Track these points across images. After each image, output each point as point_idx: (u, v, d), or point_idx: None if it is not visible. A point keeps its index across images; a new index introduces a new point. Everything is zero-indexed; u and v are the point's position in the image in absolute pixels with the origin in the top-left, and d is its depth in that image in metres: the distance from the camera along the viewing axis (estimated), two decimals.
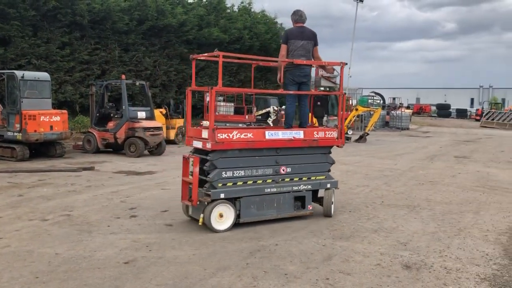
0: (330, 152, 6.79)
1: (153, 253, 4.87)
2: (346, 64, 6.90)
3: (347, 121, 20.07)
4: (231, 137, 5.70)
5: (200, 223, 5.68)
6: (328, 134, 6.68)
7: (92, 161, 11.67)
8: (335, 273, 4.47)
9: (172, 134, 16.60)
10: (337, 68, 7.01)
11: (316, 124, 9.46)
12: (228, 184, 5.76)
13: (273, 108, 20.53)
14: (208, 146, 5.58)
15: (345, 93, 7.76)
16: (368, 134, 20.45)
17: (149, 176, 9.76)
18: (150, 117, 13.67)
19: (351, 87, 35.08)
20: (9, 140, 11.72)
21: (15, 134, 11.53)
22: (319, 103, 16.26)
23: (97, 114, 13.76)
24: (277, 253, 5.00)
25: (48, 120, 11.68)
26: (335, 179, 6.97)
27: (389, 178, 10.17)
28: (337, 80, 7.11)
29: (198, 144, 5.86)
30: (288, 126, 6.68)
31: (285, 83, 6.63)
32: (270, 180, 6.11)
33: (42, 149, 12.25)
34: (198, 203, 5.72)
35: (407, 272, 4.53)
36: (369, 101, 29.18)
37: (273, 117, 20.38)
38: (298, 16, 6.61)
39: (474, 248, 5.34)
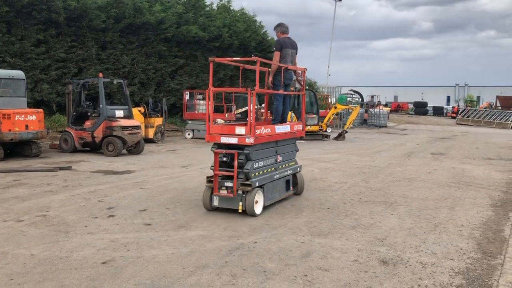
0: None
1: (131, 252, 4.84)
2: (306, 69, 8.10)
3: (326, 119, 20.24)
4: (261, 132, 6.53)
5: (239, 211, 6.38)
6: (298, 127, 7.88)
7: (69, 160, 11.50)
8: (314, 269, 4.52)
9: (150, 133, 16.48)
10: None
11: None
12: (257, 173, 6.55)
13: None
14: (249, 140, 6.26)
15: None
16: (346, 131, 20.66)
17: (127, 175, 9.67)
18: (128, 115, 13.54)
19: (330, 85, 35.38)
20: None
21: None
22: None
23: (74, 113, 13.56)
24: (256, 250, 5.02)
25: (23, 119, 11.46)
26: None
27: (367, 175, 10.30)
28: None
29: (231, 140, 6.41)
30: (277, 121, 7.61)
31: (275, 84, 7.45)
32: (273, 168, 7.09)
33: (18, 148, 12.01)
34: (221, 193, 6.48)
35: (384, 268, 4.61)
36: (348, 99, 29.47)
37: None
38: (284, 28, 7.65)
39: (449, 243, 5.46)
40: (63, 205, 6.90)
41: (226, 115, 19.19)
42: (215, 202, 6.63)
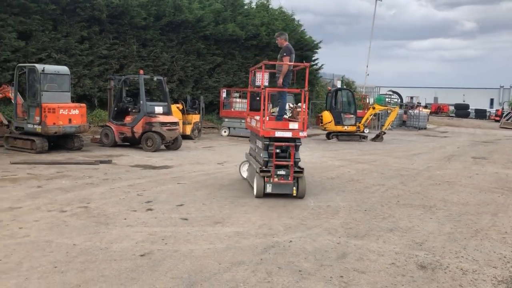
0: None
1: (168, 246, 4.93)
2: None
3: (363, 120, 19.95)
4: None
5: (294, 194, 7.41)
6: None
7: (110, 154, 11.81)
8: (350, 271, 4.47)
9: (188, 129, 16.70)
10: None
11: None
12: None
13: (289, 105, 20.47)
14: (303, 134, 7.45)
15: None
16: (384, 133, 20.29)
17: (165, 170, 9.85)
18: (167, 112, 13.77)
19: (368, 85, 34.83)
20: (29, 132, 11.93)
21: (35, 126, 11.72)
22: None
23: (115, 108, 13.91)
24: (291, 249, 5.01)
25: (67, 113, 11.84)
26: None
27: (405, 178, 10.09)
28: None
29: (286, 134, 7.39)
30: (282, 117, 8.48)
31: (284, 85, 8.42)
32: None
33: (61, 141, 12.44)
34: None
35: (422, 272, 4.50)
36: (386, 99, 28.94)
37: (288, 114, 20.32)
38: (286, 36, 8.75)
39: (491, 250, 5.28)
40: (104, 197, 7.10)
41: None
42: (268, 189, 7.43)
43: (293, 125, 7.56)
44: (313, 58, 28.74)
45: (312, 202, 7.33)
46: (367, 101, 26.70)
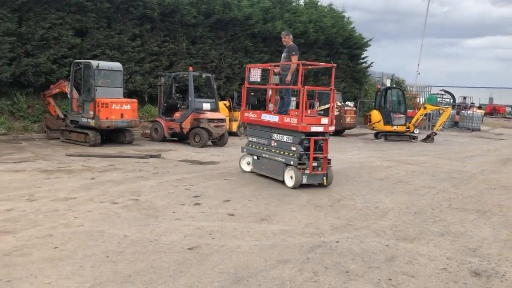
0: None
1: (215, 241, 4.99)
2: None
3: (414, 120, 19.39)
4: None
5: (325, 184, 8.14)
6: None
7: (159, 149, 12.10)
8: (398, 274, 4.36)
9: (234, 126, 16.85)
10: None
11: None
12: None
13: (337, 103, 20.21)
14: (331, 128, 8.20)
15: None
16: (436, 134, 19.64)
17: (212, 166, 9.98)
18: (215, 108, 13.94)
19: (419, 85, 33.80)
20: (83, 126, 12.42)
21: (89, 120, 12.19)
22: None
23: (165, 104, 14.23)
24: (338, 250, 4.95)
25: (119, 108, 12.23)
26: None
27: (458, 181, 9.71)
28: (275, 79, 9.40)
29: (319, 128, 8.03)
30: (286, 112, 8.91)
31: (291, 83, 8.86)
32: None
33: (113, 135, 12.87)
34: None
35: (476, 279, 4.32)
36: (438, 99, 28.00)
37: (335, 112, 20.08)
38: (291, 36, 9.26)
39: None
40: (153, 190, 7.28)
41: (309, 111, 19.08)
42: (304, 180, 7.95)
43: (324, 120, 8.21)
44: (362, 56, 28.25)
45: (359, 203, 7.20)
46: (418, 101, 25.89)
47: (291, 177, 8.07)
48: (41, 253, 4.38)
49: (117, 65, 13.05)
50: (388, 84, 26.61)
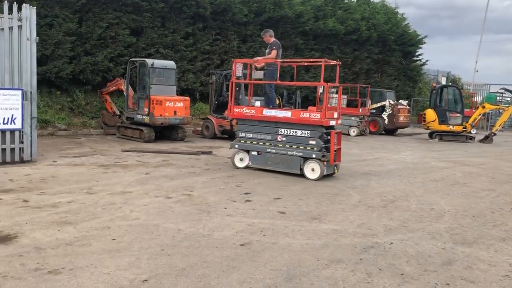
0: None
1: (267, 238, 5.00)
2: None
3: (471, 119, 18.62)
4: None
5: (336, 173, 8.82)
6: None
7: (210, 146, 12.29)
8: (457, 279, 4.19)
9: None
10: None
11: None
12: None
13: (389, 101, 19.74)
14: (340, 122, 8.97)
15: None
16: (495, 134, 18.75)
17: None
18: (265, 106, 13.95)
19: (477, 83, 32.38)
20: (138, 122, 12.83)
21: (144, 117, 12.57)
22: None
23: (216, 102, 14.43)
24: (392, 251, 4.83)
25: (172, 105, 12.53)
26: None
27: None
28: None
29: (333, 122, 8.64)
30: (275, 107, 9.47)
31: (272, 77, 9.32)
32: None
33: (166, 132, 13.21)
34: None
35: None
36: (498, 98, 26.69)
37: (388, 111, 19.61)
38: (271, 33, 9.55)
39: None
40: (205, 186, 7.41)
41: (360, 109, 18.75)
42: (325, 171, 8.45)
43: (335, 115, 8.73)
44: (417, 54, 27.42)
45: (414, 204, 6.99)
46: (475, 100, 24.82)
47: (313, 170, 8.46)
48: (100, 244, 4.56)
49: (171, 64, 13.37)
50: (444, 82, 25.67)
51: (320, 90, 20.61)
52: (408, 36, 26.07)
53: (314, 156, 8.40)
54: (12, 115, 8.36)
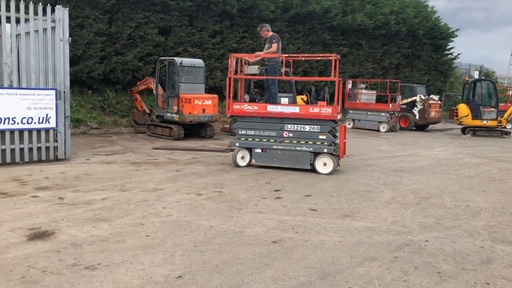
0: None
1: (299, 235, 4.96)
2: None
3: (506, 114, 18.08)
4: None
5: (340, 166, 8.86)
6: None
7: None
8: (497, 278, 4.06)
9: None
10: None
11: None
12: None
13: (420, 96, 19.34)
14: (339, 116, 8.86)
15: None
16: None
17: None
18: (293, 103, 13.89)
19: None
20: (168, 120, 12.97)
21: (173, 115, 12.70)
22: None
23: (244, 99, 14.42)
24: (428, 249, 4.71)
25: (201, 103, 12.61)
26: None
27: None
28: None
29: (339, 116, 8.70)
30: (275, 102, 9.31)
31: (275, 72, 9.31)
32: None
33: (195, 130, 13.32)
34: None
35: None
36: None
37: (419, 106, 19.22)
38: (268, 27, 9.51)
39: None
40: (235, 183, 7.42)
41: (390, 105, 18.44)
42: (336, 165, 8.64)
43: (338, 109, 8.76)
44: (448, 47, 26.77)
45: (448, 201, 6.82)
46: (510, 93, 24.03)
47: (325, 164, 8.54)
48: (134, 240, 4.62)
49: (199, 62, 13.45)
50: (476, 76, 24.99)
51: (349, 86, 20.44)
52: (439, 30, 25.46)
53: (325, 150, 8.47)
54: (47, 114, 8.57)
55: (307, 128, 8.60)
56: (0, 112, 8.06)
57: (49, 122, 8.62)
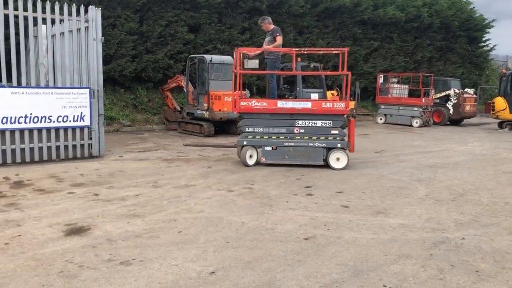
0: None
1: (331, 232, 4.92)
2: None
3: None
4: None
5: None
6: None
7: None
8: None
9: None
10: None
11: None
12: None
13: (454, 90, 18.83)
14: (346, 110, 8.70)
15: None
16: None
17: None
18: (323, 98, 13.75)
19: None
20: (198, 117, 13.08)
21: (203, 112, 12.80)
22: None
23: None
24: (464, 247, 4.59)
25: (231, 100, 12.62)
26: None
27: None
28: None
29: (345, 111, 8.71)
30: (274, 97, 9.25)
31: (276, 67, 9.42)
32: None
33: (225, 126, 13.38)
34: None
35: None
36: None
37: (453, 100, 18.72)
38: (270, 20, 9.47)
39: None
40: (265, 180, 7.41)
41: (423, 99, 18.04)
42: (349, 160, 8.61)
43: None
44: (483, 39, 25.96)
45: (485, 198, 6.62)
46: None
47: (338, 159, 8.53)
48: (167, 236, 4.68)
49: (228, 59, 13.48)
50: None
51: (380, 80, 20.10)
52: (474, 21, 24.69)
53: (339, 145, 8.47)
54: (81, 112, 8.77)
55: (319, 123, 8.51)
56: (37, 111, 8.30)
57: (83, 120, 8.83)
